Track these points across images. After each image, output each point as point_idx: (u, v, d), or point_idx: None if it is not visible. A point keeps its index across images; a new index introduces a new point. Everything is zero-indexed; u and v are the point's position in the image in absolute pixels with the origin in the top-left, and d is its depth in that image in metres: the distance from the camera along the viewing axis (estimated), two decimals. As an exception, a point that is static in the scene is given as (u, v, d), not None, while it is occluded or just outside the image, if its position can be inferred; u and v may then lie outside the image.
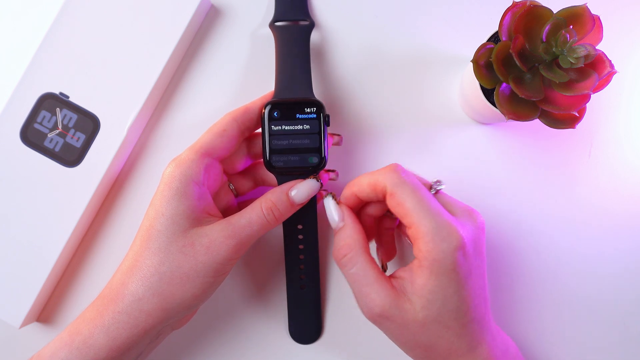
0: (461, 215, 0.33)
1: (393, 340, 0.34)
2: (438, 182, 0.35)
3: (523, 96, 0.32)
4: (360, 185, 0.35)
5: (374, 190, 0.34)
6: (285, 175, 0.37)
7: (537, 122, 0.34)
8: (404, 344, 0.34)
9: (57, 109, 0.40)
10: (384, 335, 0.34)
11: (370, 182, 0.34)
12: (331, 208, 0.35)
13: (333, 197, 0.35)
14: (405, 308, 0.32)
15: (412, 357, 0.35)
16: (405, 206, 0.32)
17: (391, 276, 0.34)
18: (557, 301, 0.42)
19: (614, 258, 0.41)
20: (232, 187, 0.39)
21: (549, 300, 0.42)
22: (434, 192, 0.35)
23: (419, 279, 0.32)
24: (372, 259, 0.34)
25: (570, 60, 0.31)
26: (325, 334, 0.42)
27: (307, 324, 0.41)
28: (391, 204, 0.33)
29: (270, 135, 0.36)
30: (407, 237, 0.35)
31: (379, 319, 0.33)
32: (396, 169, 0.33)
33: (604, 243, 0.41)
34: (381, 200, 0.35)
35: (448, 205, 0.34)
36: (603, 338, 0.41)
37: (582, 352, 0.41)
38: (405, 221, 0.32)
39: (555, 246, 0.42)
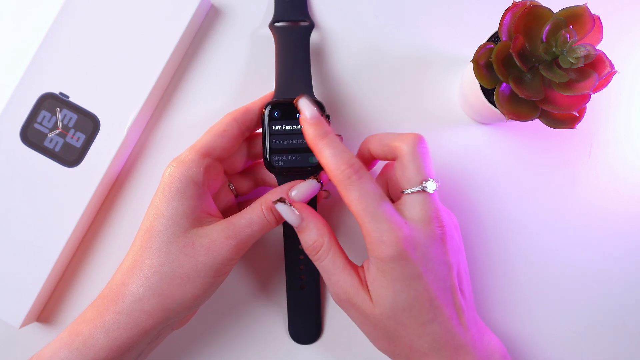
0: (419, 221, 0.33)
1: (361, 329, 0.35)
2: (435, 183, 0.34)
3: (523, 96, 0.32)
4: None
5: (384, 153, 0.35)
6: (286, 175, 0.37)
7: (537, 122, 0.34)
8: (368, 334, 0.35)
9: (57, 109, 0.40)
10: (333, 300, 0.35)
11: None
12: (287, 213, 0.35)
13: (283, 201, 0.35)
14: (365, 298, 0.33)
15: (379, 349, 0.35)
16: (352, 208, 0.33)
17: (360, 267, 0.35)
18: (557, 301, 0.42)
19: (614, 258, 0.41)
20: (232, 187, 0.39)
21: (549, 300, 0.42)
22: (419, 188, 0.33)
23: (369, 274, 0.33)
24: (340, 248, 0.35)
25: (570, 60, 0.31)
26: (324, 334, 0.42)
27: (306, 325, 0.41)
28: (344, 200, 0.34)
29: (270, 135, 0.36)
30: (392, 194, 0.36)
31: (346, 305, 0.34)
32: (348, 170, 0.32)
33: (604, 243, 0.41)
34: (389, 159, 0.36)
35: (418, 206, 0.33)
36: (603, 338, 0.41)
37: (582, 352, 0.41)
38: (357, 221, 0.33)
39: (555, 246, 0.42)
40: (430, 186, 0.33)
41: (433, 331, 0.33)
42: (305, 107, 0.34)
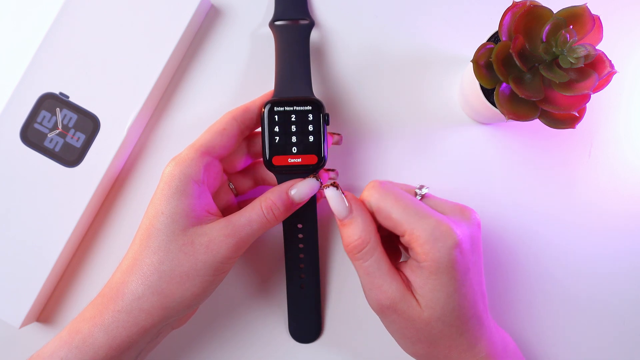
0: (452, 213, 0.33)
1: (396, 334, 0.34)
2: (421, 186, 0.35)
3: (523, 96, 0.32)
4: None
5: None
6: (285, 174, 0.37)
7: (537, 122, 0.34)
8: (408, 339, 0.34)
9: (57, 109, 0.40)
10: (384, 334, 0.34)
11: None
12: (336, 199, 0.33)
13: (336, 186, 0.33)
14: (412, 304, 0.32)
15: (412, 353, 0.35)
16: (393, 217, 0.32)
17: (399, 269, 0.34)
18: (556, 301, 0.42)
19: (614, 258, 0.41)
20: (231, 186, 0.39)
21: (549, 300, 0.42)
22: (419, 197, 0.34)
23: (420, 278, 0.32)
24: (384, 250, 0.34)
25: (570, 60, 0.31)
26: (325, 333, 0.42)
27: (307, 323, 0.41)
28: (380, 219, 0.33)
29: (270, 134, 0.36)
30: (402, 246, 0.36)
31: (387, 311, 0.33)
32: (374, 185, 0.33)
33: (604, 243, 0.41)
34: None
35: (438, 206, 0.34)
36: (603, 338, 0.41)
37: (583, 352, 0.41)
38: (398, 231, 0.33)
39: (555, 246, 0.42)
40: (423, 190, 0.33)
41: (473, 326, 0.33)
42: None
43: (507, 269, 0.42)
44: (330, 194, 0.33)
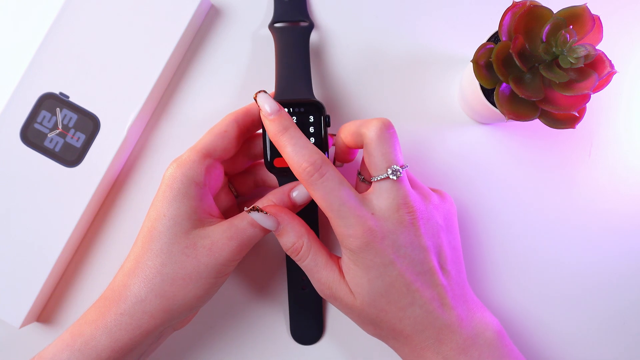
0: (385, 208, 0.33)
1: (348, 317, 0.36)
2: (399, 168, 0.33)
3: (523, 96, 0.32)
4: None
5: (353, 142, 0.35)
6: (286, 176, 0.37)
7: (537, 122, 0.34)
8: (355, 322, 0.35)
9: (57, 109, 0.40)
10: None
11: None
12: (262, 219, 0.34)
13: (256, 210, 0.34)
14: (346, 291, 0.34)
15: (368, 333, 0.36)
16: (319, 205, 0.33)
17: (340, 259, 0.35)
18: (556, 301, 0.42)
19: (614, 258, 0.41)
20: (232, 187, 0.39)
21: (549, 300, 0.42)
22: (383, 176, 0.33)
23: (344, 266, 0.34)
24: (321, 245, 0.35)
25: (570, 60, 0.31)
26: (326, 334, 0.42)
27: (308, 325, 0.41)
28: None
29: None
30: None
31: (331, 300, 0.35)
32: (311, 168, 0.33)
33: (604, 243, 0.41)
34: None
35: (384, 193, 0.33)
36: (603, 338, 0.41)
37: (582, 352, 0.41)
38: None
39: (555, 246, 0.42)
40: (395, 173, 0.33)
41: (414, 314, 0.33)
42: (264, 101, 0.34)
43: (506, 268, 0.42)
44: (256, 216, 0.34)
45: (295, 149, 0.33)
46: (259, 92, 0.34)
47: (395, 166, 0.33)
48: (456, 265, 0.36)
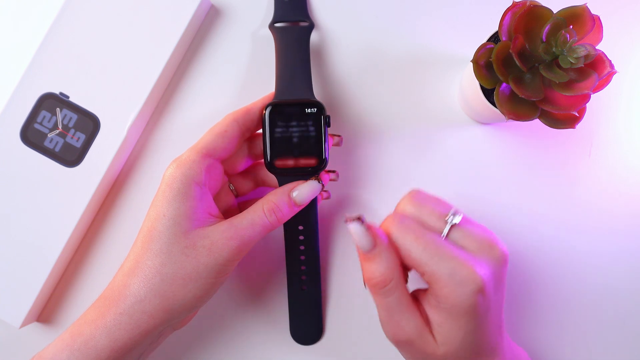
0: (479, 250, 0.31)
1: None
2: (455, 212, 0.32)
3: (523, 96, 0.32)
4: None
5: None
6: (286, 176, 0.37)
7: (537, 122, 0.34)
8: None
9: (57, 109, 0.40)
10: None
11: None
12: (359, 235, 0.31)
13: (361, 221, 0.31)
14: (428, 339, 0.32)
15: None
16: (412, 257, 0.31)
17: (416, 298, 0.33)
18: (556, 301, 0.42)
19: (614, 258, 0.41)
20: (232, 187, 0.39)
21: (548, 300, 0.42)
22: (448, 228, 0.31)
23: (438, 317, 0.31)
24: (406, 287, 0.33)
25: (570, 60, 0.31)
26: (326, 334, 0.42)
27: (308, 325, 0.41)
28: (401, 256, 0.32)
29: (271, 136, 0.36)
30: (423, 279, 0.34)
31: (403, 345, 0.33)
32: (395, 217, 0.31)
33: (604, 243, 0.41)
34: None
35: (465, 240, 0.31)
36: (603, 338, 0.41)
37: (582, 351, 0.41)
38: (417, 270, 0.31)
39: (555, 246, 0.42)
40: (455, 217, 0.31)
41: (486, 356, 0.32)
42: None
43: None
44: (354, 229, 0.31)
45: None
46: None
47: (449, 213, 0.31)
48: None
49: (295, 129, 0.36)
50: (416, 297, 0.33)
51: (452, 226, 0.31)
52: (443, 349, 0.31)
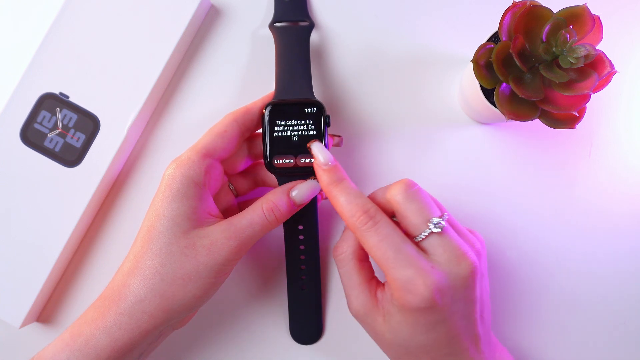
0: (446, 263, 0.31)
1: (369, 336, 0.36)
2: (438, 222, 0.32)
3: (523, 96, 0.32)
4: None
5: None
6: (286, 175, 0.37)
7: (537, 122, 0.34)
8: (378, 343, 0.35)
9: (57, 109, 0.40)
10: None
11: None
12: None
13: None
14: (377, 320, 0.33)
15: (387, 355, 0.35)
16: (372, 255, 0.32)
17: (379, 282, 0.35)
18: (556, 301, 0.42)
19: (614, 258, 0.41)
20: (231, 187, 0.39)
21: (548, 300, 0.42)
22: (426, 234, 0.32)
23: (390, 308, 0.33)
24: (363, 266, 0.35)
25: (570, 60, 0.31)
26: (326, 334, 0.42)
27: (308, 325, 0.41)
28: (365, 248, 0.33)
29: (270, 135, 0.36)
30: None
31: (355, 317, 0.35)
32: (361, 215, 0.32)
33: (604, 243, 0.41)
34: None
35: (438, 248, 0.32)
36: (603, 338, 0.41)
37: (582, 351, 0.41)
38: (379, 266, 0.33)
39: (555, 246, 0.42)
40: (438, 225, 0.32)
41: None
42: (319, 152, 0.34)
43: (505, 269, 0.42)
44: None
45: (348, 199, 0.33)
46: (314, 141, 0.35)
47: (434, 219, 0.32)
48: (488, 310, 0.35)
49: (295, 129, 0.36)
50: (381, 282, 0.35)
51: (429, 234, 0.32)
52: (390, 335, 0.33)
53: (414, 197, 0.32)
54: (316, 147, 0.35)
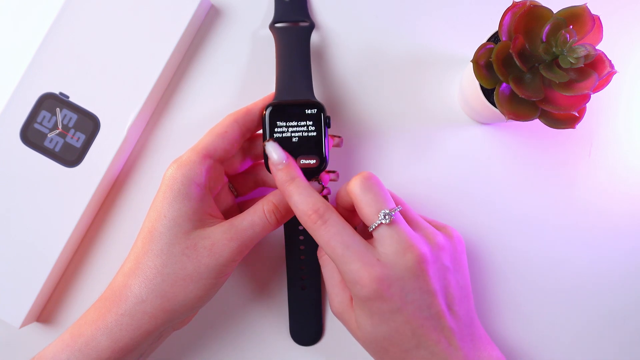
0: (393, 254, 0.32)
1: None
2: (385, 215, 0.33)
3: (523, 96, 0.32)
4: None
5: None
6: (286, 176, 0.37)
7: (537, 122, 0.34)
8: (359, 343, 0.35)
9: (57, 109, 0.40)
10: None
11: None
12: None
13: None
14: (351, 318, 0.34)
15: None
16: (326, 251, 0.33)
17: None
18: (556, 301, 0.42)
19: (614, 258, 0.41)
20: (232, 187, 0.39)
21: (549, 300, 0.42)
22: (375, 225, 0.33)
23: (353, 302, 0.34)
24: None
25: (570, 60, 0.31)
26: (326, 335, 0.42)
27: (308, 325, 0.41)
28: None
29: (271, 136, 0.36)
30: None
31: (338, 318, 0.36)
32: (311, 214, 0.33)
33: (603, 243, 0.41)
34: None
35: (385, 240, 0.33)
36: (603, 338, 0.41)
37: (582, 352, 0.41)
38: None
39: (555, 246, 0.42)
40: (387, 217, 0.32)
41: (419, 355, 0.33)
42: (272, 151, 0.35)
43: (505, 269, 0.42)
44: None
45: (300, 198, 0.33)
46: (269, 140, 0.35)
47: (384, 210, 0.33)
48: (465, 304, 0.35)
49: (296, 130, 0.36)
50: None
51: (379, 225, 0.33)
52: (360, 331, 0.34)
53: (369, 188, 0.33)
54: (270, 146, 0.35)
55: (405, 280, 0.32)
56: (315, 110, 0.37)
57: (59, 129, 0.40)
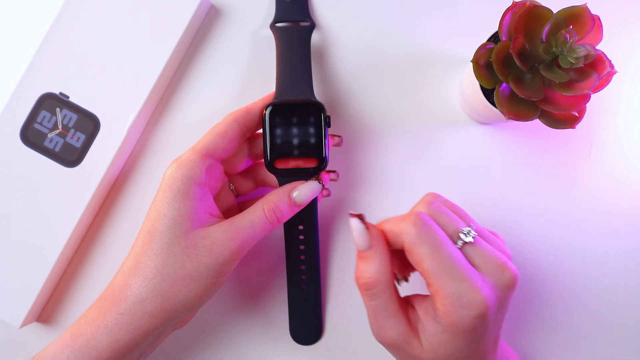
0: (490, 272, 0.30)
1: None
2: (469, 229, 0.31)
3: (523, 96, 0.32)
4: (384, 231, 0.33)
5: (394, 241, 0.32)
6: (286, 176, 0.37)
7: (537, 122, 0.34)
8: None
9: (57, 109, 0.40)
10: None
11: (390, 231, 0.32)
12: (358, 232, 0.31)
13: (361, 219, 0.31)
14: (414, 344, 0.31)
15: None
16: (423, 266, 0.30)
17: (409, 302, 0.33)
18: (556, 301, 0.42)
19: (614, 258, 0.41)
20: (232, 187, 0.39)
21: (548, 300, 0.42)
22: (461, 244, 0.31)
23: (432, 328, 0.31)
24: (396, 290, 0.32)
25: (570, 60, 0.31)
26: (325, 334, 0.42)
27: (307, 325, 0.41)
28: (410, 260, 0.31)
29: (271, 136, 0.36)
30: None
31: (388, 346, 0.33)
32: (416, 221, 0.30)
33: (603, 243, 0.41)
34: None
35: (478, 258, 0.31)
36: (603, 338, 0.41)
37: (582, 352, 0.41)
38: (425, 279, 0.31)
39: (555, 246, 0.42)
40: (469, 234, 0.31)
41: None
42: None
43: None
44: (355, 225, 0.31)
45: (392, 225, 0.31)
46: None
47: (464, 228, 0.31)
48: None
49: (296, 129, 0.36)
50: (410, 301, 0.33)
51: (464, 244, 0.31)
52: (428, 355, 0.31)
53: (439, 212, 0.32)
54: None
55: (502, 301, 0.30)
56: (316, 109, 0.37)
57: (59, 129, 0.40)
